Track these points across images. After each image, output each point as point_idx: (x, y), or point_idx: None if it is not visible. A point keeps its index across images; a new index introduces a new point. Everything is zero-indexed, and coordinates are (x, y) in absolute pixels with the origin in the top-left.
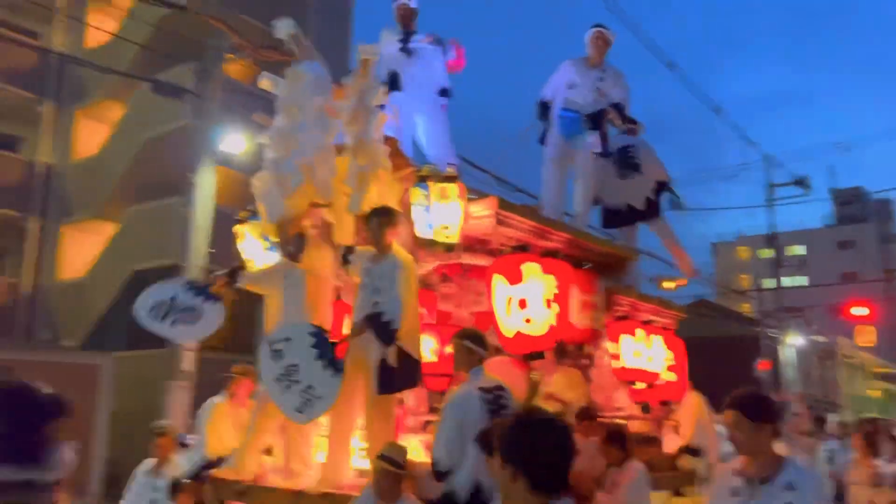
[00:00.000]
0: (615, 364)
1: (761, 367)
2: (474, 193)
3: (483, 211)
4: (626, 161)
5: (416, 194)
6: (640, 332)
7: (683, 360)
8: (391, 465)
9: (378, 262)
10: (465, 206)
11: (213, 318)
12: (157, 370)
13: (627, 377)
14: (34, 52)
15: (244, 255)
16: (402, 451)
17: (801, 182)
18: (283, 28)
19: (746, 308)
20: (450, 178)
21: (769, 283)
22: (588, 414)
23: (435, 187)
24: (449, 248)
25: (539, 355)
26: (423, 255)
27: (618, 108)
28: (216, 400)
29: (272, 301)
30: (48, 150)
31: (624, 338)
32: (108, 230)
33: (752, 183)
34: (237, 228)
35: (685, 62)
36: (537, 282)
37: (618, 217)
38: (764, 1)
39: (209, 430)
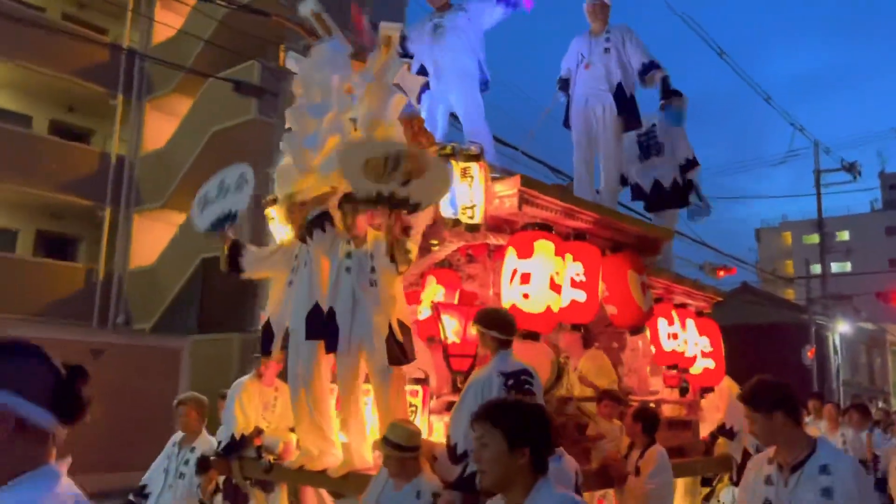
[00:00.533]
0: (653, 349)
1: (810, 354)
2: (499, 172)
3: (507, 190)
4: (648, 142)
5: None
6: (674, 315)
7: (720, 346)
8: (394, 449)
9: (360, 246)
10: (488, 186)
11: None
12: (226, 353)
13: (665, 361)
14: (106, 48)
15: (275, 237)
16: (408, 431)
17: (850, 168)
18: (306, 6)
19: (790, 294)
20: (473, 157)
21: (815, 268)
22: (610, 396)
23: (458, 166)
24: (473, 228)
25: (534, 336)
26: (448, 236)
27: (653, 66)
28: (244, 379)
29: (277, 282)
30: (120, 142)
31: (660, 321)
32: (177, 219)
33: (796, 166)
34: (267, 211)
35: (727, 40)
36: (547, 261)
37: (642, 195)
38: None
39: (236, 409)
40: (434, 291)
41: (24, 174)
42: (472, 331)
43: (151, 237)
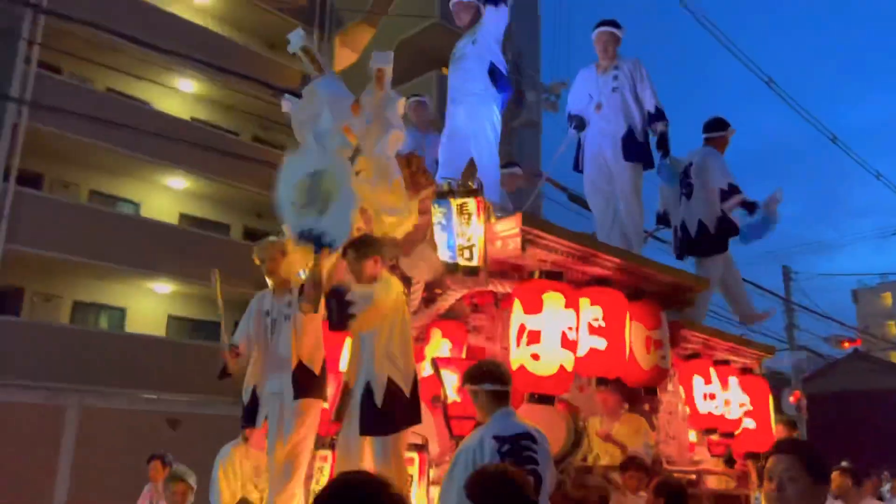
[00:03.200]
0: (687, 410)
1: None
2: (501, 211)
3: (509, 230)
4: (686, 180)
5: (436, 212)
6: (712, 373)
7: (766, 404)
8: None
9: None
10: (488, 225)
11: None
12: None
13: (700, 425)
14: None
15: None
16: None
17: None
18: (296, 41)
19: (895, 358)
20: (470, 193)
21: None
22: (634, 464)
23: (454, 203)
24: (471, 272)
25: (548, 399)
26: (451, 283)
27: (659, 116)
28: (229, 446)
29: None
30: None
31: (696, 379)
32: None
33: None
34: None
35: (802, 90)
36: (557, 315)
37: (685, 244)
38: (878, 22)
39: (220, 479)
40: (438, 345)
41: (224, 276)
42: None
43: None
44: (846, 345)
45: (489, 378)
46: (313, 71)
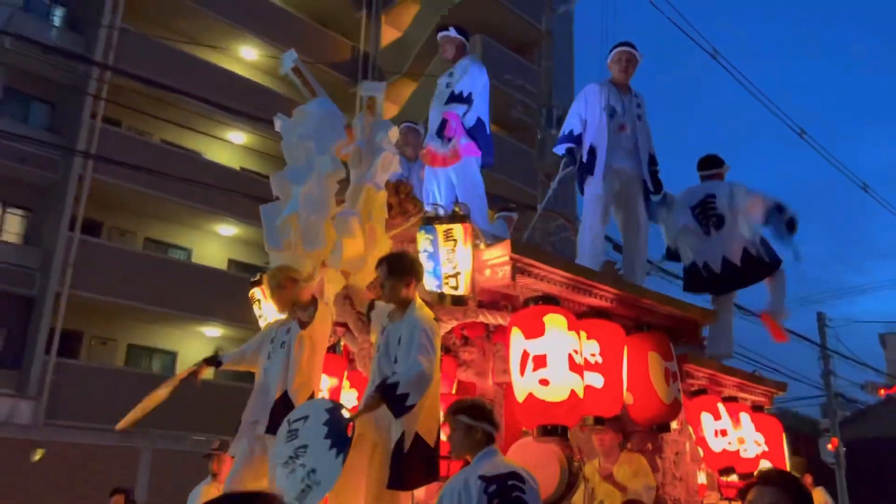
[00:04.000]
0: (700, 451)
1: None
2: (491, 238)
3: (498, 257)
4: (706, 213)
5: (422, 239)
6: (721, 409)
7: (780, 445)
8: None
9: (395, 321)
10: (475, 252)
11: None
12: None
13: (716, 465)
14: (348, 46)
15: (261, 320)
16: None
17: None
18: (287, 62)
19: None
20: (456, 219)
21: None
22: None
23: (440, 229)
24: (459, 301)
25: (560, 431)
26: (440, 314)
27: (654, 159)
28: (201, 486)
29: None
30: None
31: (704, 416)
32: None
33: None
34: (252, 292)
35: (825, 133)
36: (562, 337)
37: (715, 281)
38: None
39: None
40: None
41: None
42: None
43: None
44: (882, 392)
45: (489, 419)
46: (307, 94)
